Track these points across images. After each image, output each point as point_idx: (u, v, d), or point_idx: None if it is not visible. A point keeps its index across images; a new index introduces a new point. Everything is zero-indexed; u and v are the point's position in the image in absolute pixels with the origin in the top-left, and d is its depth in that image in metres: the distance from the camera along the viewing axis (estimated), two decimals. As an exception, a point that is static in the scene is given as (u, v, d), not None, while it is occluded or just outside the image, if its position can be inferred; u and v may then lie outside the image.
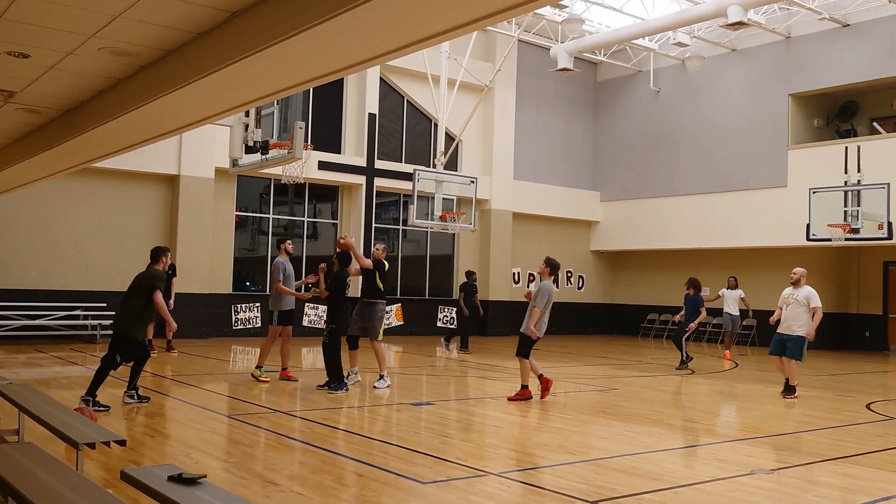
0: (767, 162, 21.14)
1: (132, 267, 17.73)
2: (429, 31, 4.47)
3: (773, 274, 21.53)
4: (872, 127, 21.15)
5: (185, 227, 17.99)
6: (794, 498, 5.86)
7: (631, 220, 24.49)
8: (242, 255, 19.80)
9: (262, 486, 5.60)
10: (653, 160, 23.95)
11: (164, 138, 9.12)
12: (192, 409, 8.90)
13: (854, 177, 18.47)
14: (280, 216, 20.41)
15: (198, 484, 3.84)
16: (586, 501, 5.34)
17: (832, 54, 20.22)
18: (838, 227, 18.17)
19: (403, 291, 21.92)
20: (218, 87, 6.10)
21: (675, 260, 24.10)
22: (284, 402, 9.68)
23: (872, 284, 21.81)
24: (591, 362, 16.11)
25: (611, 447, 7.57)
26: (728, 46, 22.15)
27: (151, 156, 17.14)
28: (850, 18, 19.84)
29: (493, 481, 5.92)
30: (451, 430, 8.19)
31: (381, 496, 5.39)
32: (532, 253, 24.27)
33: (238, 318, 19.00)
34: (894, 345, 21.23)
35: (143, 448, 6.65)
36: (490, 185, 22.76)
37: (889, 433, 8.73)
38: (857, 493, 6.01)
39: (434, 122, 21.08)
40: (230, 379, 12.20)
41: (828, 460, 7.04)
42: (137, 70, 6.93)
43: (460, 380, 13.09)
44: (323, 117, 20.60)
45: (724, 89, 22.40)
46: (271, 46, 4.92)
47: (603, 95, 25.70)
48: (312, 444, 7.04)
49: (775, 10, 20.50)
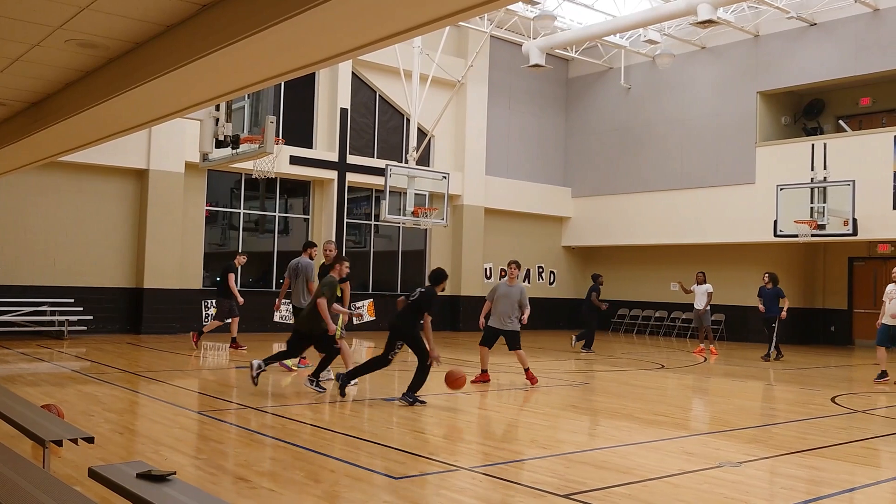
0: (736, 159, 21.38)
1: (100, 262, 17.63)
2: (401, 25, 4.47)
3: (741, 269, 21.84)
4: (838, 125, 21.48)
5: (155, 222, 17.80)
6: (761, 490, 5.95)
7: (602, 216, 24.65)
8: (213, 250, 19.64)
9: (233, 482, 5.57)
10: (623, 157, 24.12)
11: (132, 132, 9.02)
12: (161, 405, 8.82)
13: (820, 174, 18.79)
14: (251, 211, 20.27)
15: (167, 481, 3.81)
16: (557, 495, 5.38)
17: (799, 53, 20.49)
18: (805, 224, 18.48)
19: (375, 287, 21.89)
20: (188, 80, 6.04)
21: (645, 255, 24.33)
22: (255, 398, 9.62)
23: (837, 280, 22.17)
24: (563, 357, 16.20)
25: (582, 441, 7.62)
26: (698, 44, 22.36)
27: (120, 150, 16.93)
28: (817, 18, 20.12)
29: (465, 476, 5.94)
30: (423, 426, 8.20)
31: (353, 491, 5.39)
32: (504, 249, 24.37)
33: (208, 314, 18.84)
34: (859, 339, 21.60)
35: (112, 445, 6.58)
36: (462, 180, 22.78)
37: (853, 426, 8.89)
38: (821, 485, 6.12)
39: (406, 118, 21.05)
40: (200, 375, 12.10)
41: (793, 453, 7.16)
42: (105, 63, 6.84)
43: (432, 375, 13.08)
44: (294, 112, 20.48)
45: (693, 87, 22.62)
46: (242, 40, 4.88)
47: (574, 92, 25.83)
48: (284, 440, 7.01)
49: (744, 8, 20.73)
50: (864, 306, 21.58)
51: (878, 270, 21.37)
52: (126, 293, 17.81)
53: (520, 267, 11.47)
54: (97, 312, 17.11)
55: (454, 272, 22.91)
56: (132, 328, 17.74)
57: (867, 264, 21.59)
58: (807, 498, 5.66)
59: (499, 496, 5.40)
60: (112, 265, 17.72)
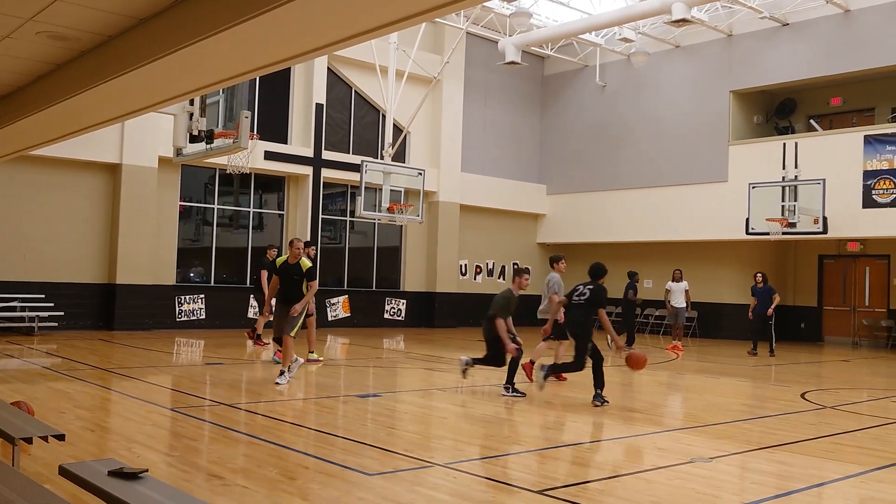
0: (709, 157, 21.58)
1: (71, 257, 17.42)
2: (377, 21, 4.46)
3: (714, 267, 22.05)
4: (810, 124, 21.76)
5: (128, 217, 17.62)
6: (732, 485, 6.03)
7: (577, 213, 24.78)
8: (186, 245, 19.48)
9: (207, 479, 5.53)
10: (598, 154, 24.25)
11: (105, 126, 8.93)
12: (133, 402, 8.75)
13: (791, 172, 19.02)
14: (225, 206, 20.13)
15: (139, 478, 3.78)
16: (531, 491, 5.41)
17: (772, 53, 20.72)
18: (776, 222, 18.70)
19: (350, 283, 21.84)
20: (161, 74, 5.99)
21: (619, 252, 24.45)
22: (229, 394, 9.57)
23: (808, 277, 22.47)
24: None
25: (555, 437, 7.67)
26: (672, 43, 22.53)
27: (92, 144, 16.74)
28: (790, 18, 20.35)
29: (439, 472, 5.96)
30: (397, 422, 8.20)
31: (327, 488, 5.38)
32: (479, 245, 24.43)
33: (182, 310, 18.71)
34: (828, 336, 21.91)
35: (83, 443, 6.51)
36: (438, 177, 22.78)
37: (822, 422, 9.02)
38: (790, 479, 6.20)
39: (382, 114, 21.00)
40: (173, 371, 12.01)
41: (763, 448, 7.25)
42: (77, 55, 6.76)
43: (407, 371, 13.10)
44: (269, 107, 20.35)
45: (667, 85, 22.78)
46: (216, 34, 4.85)
47: (550, 89, 25.92)
48: (257, 437, 6.98)
49: (718, 8, 20.91)
50: (833, 304, 21.90)
51: (847, 268, 21.70)
52: (98, 289, 17.62)
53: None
54: (68, 308, 16.92)
55: (429, 269, 22.92)
56: (104, 324, 17.56)
57: (837, 262, 21.90)
58: (776, 493, 5.74)
59: (473, 492, 5.42)
60: (84, 260, 17.52)
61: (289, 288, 10.28)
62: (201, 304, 18.96)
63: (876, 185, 18.52)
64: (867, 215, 18.60)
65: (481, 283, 24.36)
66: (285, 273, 10.30)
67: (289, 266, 10.30)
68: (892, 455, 7.10)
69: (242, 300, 19.61)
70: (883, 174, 18.44)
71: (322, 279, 20.98)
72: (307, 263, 10.36)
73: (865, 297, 21.36)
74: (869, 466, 6.59)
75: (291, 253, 10.37)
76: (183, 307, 18.75)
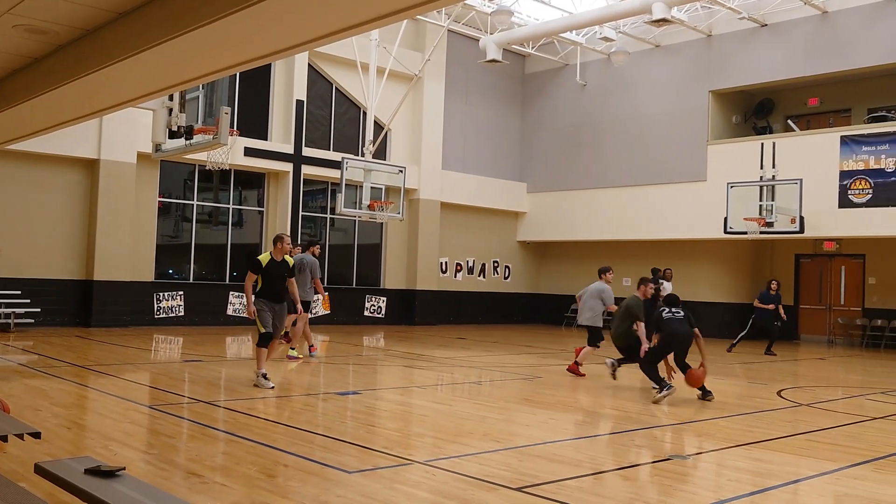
0: (688, 156, 21.72)
1: (48, 253, 17.24)
2: (358, 17, 4.46)
3: (692, 265, 22.21)
4: (787, 124, 21.96)
5: (106, 213, 17.46)
6: (709, 482, 6.08)
7: (556, 211, 24.85)
8: (165, 242, 19.34)
9: (185, 477, 5.51)
10: (578, 153, 24.35)
11: (83, 121, 8.85)
12: (111, 399, 8.68)
13: (769, 172, 19.19)
14: (205, 203, 19.99)
15: (116, 476, 3.76)
16: (510, 488, 5.43)
17: (751, 53, 20.88)
18: (754, 221, 18.86)
19: (331, 280, 21.78)
20: (140, 69, 5.95)
21: (598, 251, 24.57)
22: (208, 391, 9.53)
23: (784, 276, 22.65)
24: (516, 351, 16.31)
25: (535, 434, 7.70)
26: (652, 42, 22.65)
27: (70, 139, 16.55)
28: (768, 19, 20.52)
29: (418, 469, 5.96)
30: (377, 419, 8.20)
31: (307, 486, 5.37)
32: (460, 243, 24.45)
33: (160, 307, 18.58)
34: (804, 334, 22.13)
35: (60, 440, 6.46)
36: (419, 174, 22.77)
37: (798, 419, 9.12)
38: (767, 476, 6.27)
39: (363, 111, 20.96)
40: (152, 368, 11.93)
41: (740, 446, 7.32)
42: (55, 49, 6.70)
43: (387, 369, 13.10)
44: (249, 103, 20.25)
45: (647, 84, 22.90)
46: (196, 29, 4.82)
47: (531, 88, 25.98)
48: (236, 435, 6.95)
49: (697, 8, 21.05)
50: (810, 302, 22.12)
51: (823, 267, 21.93)
52: (75, 285, 17.45)
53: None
54: (45, 305, 16.75)
55: (410, 266, 22.91)
56: (81, 321, 17.40)
57: (813, 261, 22.13)
58: (753, 489, 5.80)
59: (452, 489, 5.43)
60: (61, 257, 17.35)
61: (280, 286, 9.86)
62: (180, 300, 18.83)
63: (852, 186, 18.72)
64: (843, 215, 18.81)
65: (462, 281, 24.39)
66: (274, 271, 9.79)
67: (276, 264, 9.83)
68: (867, 452, 7.20)
69: (222, 297, 19.50)
70: (859, 174, 18.65)
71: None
72: (291, 260, 10.25)
73: (841, 296, 21.60)
74: (844, 463, 6.67)
75: (280, 249, 9.85)
76: (161, 304, 18.62)
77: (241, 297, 19.45)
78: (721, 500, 5.43)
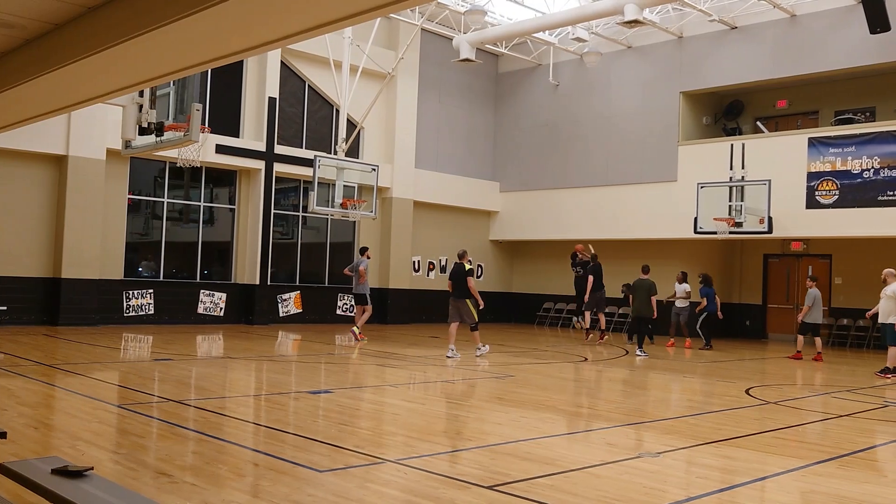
0: (659, 157, 21.91)
1: (15, 250, 16.98)
2: (331, 15, 4.44)
3: (662, 265, 22.38)
4: (756, 126, 22.23)
5: (74, 210, 17.24)
6: (678, 479, 6.15)
7: (529, 210, 24.95)
8: (135, 239, 19.13)
9: (154, 477, 5.46)
10: (550, 152, 24.45)
11: (50, 116, 8.74)
12: (79, 398, 8.58)
13: (738, 173, 19.43)
14: (175, 200, 19.80)
15: (84, 476, 3.72)
16: (482, 486, 5.45)
17: (721, 55, 21.11)
18: (723, 221, 19.09)
19: (303, 279, 21.69)
20: (109, 64, 5.88)
21: (570, 250, 24.68)
22: (177, 390, 9.44)
23: (753, 276, 22.97)
24: (489, 349, 16.33)
25: (506, 433, 7.73)
26: (624, 44, 22.81)
27: (37, 134, 16.33)
28: (738, 21, 20.75)
29: (390, 468, 5.96)
30: (348, 418, 8.18)
31: (278, 485, 5.35)
32: (432, 242, 24.44)
33: (130, 305, 18.38)
34: (773, 333, 22.43)
35: (26, 440, 6.37)
36: (391, 173, 22.74)
37: (765, 416, 9.24)
38: (735, 473, 6.35)
39: (336, 109, 20.88)
40: (120, 367, 11.80)
41: (709, 443, 7.40)
42: (22, 43, 6.60)
43: (359, 368, 13.07)
44: (221, 100, 20.09)
45: (619, 85, 23.06)
46: (167, 24, 4.78)
47: (504, 87, 26.05)
48: (206, 434, 6.90)
49: (669, 10, 21.23)
50: (777, 301, 22.42)
51: (791, 267, 22.23)
52: (42, 283, 17.21)
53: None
54: (11, 303, 16.50)
55: (383, 265, 22.86)
56: (49, 319, 17.16)
57: (781, 261, 22.42)
58: (721, 486, 5.87)
59: (424, 488, 5.44)
60: (28, 254, 17.10)
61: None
62: (150, 298, 18.64)
63: (819, 187, 19.00)
64: (810, 216, 19.08)
65: (434, 280, 24.39)
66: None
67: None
68: (833, 449, 7.31)
69: (192, 295, 19.34)
70: (825, 176, 18.93)
71: (275, 275, 20.83)
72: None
73: (808, 296, 21.87)
74: (810, 460, 6.78)
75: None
76: (131, 302, 18.42)
77: (211, 296, 19.32)
78: (690, 497, 5.49)
